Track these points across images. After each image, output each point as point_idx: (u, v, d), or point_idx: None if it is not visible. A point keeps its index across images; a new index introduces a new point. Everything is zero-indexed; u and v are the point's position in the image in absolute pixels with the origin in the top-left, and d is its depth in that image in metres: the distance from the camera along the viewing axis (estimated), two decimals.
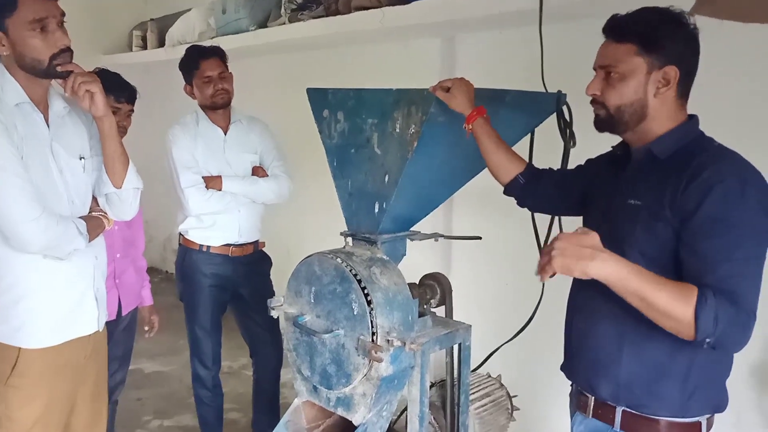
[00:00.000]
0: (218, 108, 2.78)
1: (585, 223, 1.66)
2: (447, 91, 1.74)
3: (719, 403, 1.49)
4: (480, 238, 2.28)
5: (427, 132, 1.75)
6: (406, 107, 1.76)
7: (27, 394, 1.77)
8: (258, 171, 2.85)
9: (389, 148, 1.83)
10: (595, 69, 1.51)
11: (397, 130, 1.79)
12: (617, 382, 1.48)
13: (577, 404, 1.61)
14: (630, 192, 1.49)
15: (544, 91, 2.11)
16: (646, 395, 1.45)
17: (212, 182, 2.71)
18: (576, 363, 1.61)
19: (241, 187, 2.75)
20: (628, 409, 1.48)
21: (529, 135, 2.11)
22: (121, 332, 2.56)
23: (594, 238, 1.26)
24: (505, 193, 1.88)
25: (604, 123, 1.51)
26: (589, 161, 1.77)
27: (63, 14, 1.71)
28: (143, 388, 3.82)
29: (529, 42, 2.23)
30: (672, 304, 1.28)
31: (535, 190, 1.81)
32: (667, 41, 1.42)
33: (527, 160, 1.91)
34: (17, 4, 1.64)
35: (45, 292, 1.79)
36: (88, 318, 1.89)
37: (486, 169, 1.90)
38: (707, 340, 1.29)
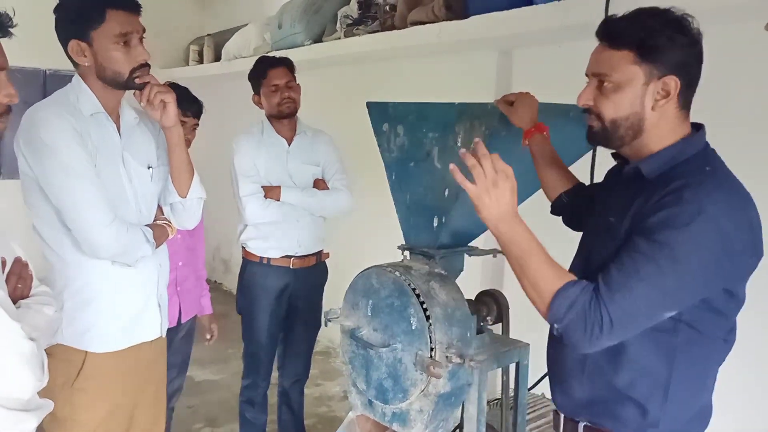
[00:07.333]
0: (284, 117, 2.80)
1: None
2: (511, 104, 1.72)
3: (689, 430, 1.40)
4: None
5: (490, 146, 1.72)
6: (468, 121, 1.74)
7: (92, 397, 1.81)
8: (319, 183, 2.85)
9: (450, 162, 1.81)
10: (587, 75, 1.40)
11: (459, 144, 1.77)
12: (580, 401, 1.45)
13: (554, 424, 1.58)
14: (613, 208, 1.42)
15: None
16: (604, 414, 1.40)
17: (271, 192, 2.73)
18: (552, 385, 1.58)
19: (299, 198, 2.75)
20: (589, 425, 1.44)
21: (591, 151, 2.06)
22: (180, 340, 2.61)
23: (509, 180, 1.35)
24: (552, 212, 1.83)
25: (597, 136, 1.39)
26: (608, 172, 1.65)
27: (144, 30, 1.77)
28: (194, 395, 3.89)
29: (588, 56, 2.18)
30: (542, 276, 1.29)
31: (572, 208, 1.76)
32: (667, 48, 1.28)
33: (590, 175, 1.87)
34: (105, 17, 1.69)
35: (111, 297, 1.83)
36: (152, 324, 1.93)
37: None
38: (555, 325, 1.27)
